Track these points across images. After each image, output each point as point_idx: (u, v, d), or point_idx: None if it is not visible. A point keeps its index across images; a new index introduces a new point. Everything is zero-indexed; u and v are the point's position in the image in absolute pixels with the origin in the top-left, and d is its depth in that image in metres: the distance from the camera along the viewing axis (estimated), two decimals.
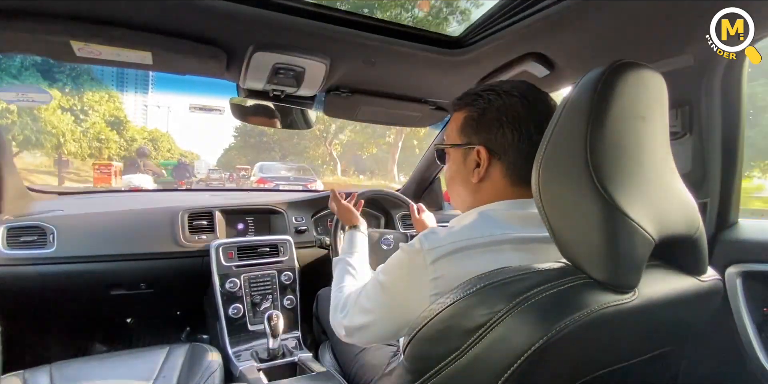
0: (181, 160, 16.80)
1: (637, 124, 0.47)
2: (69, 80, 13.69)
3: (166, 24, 0.84)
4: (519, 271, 0.46)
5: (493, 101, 0.62)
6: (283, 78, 1.05)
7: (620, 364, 0.48)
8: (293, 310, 1.42)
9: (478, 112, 0.64)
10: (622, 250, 0.43)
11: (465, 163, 0.67)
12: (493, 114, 0.62)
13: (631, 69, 0.45)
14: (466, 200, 0.69)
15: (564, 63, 0.95)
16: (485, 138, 0.63)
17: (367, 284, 0.69)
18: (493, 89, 0.63)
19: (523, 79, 0.70)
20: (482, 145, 0.63)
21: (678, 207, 0.50)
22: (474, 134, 0.64)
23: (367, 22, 0.92)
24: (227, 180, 17.96)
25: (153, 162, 13.50)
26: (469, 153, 0.65)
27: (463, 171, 0.67)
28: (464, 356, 0.43)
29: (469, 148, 0.65)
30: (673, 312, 0.51)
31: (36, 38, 0.81)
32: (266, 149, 27.18)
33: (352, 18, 0.91)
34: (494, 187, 0.64)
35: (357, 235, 1.05)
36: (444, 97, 1.35)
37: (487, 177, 0.64)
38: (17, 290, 1.25)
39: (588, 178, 0.42)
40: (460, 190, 0.70)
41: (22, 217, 1.30)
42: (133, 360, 1.06)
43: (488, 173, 0.64)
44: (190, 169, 15.40)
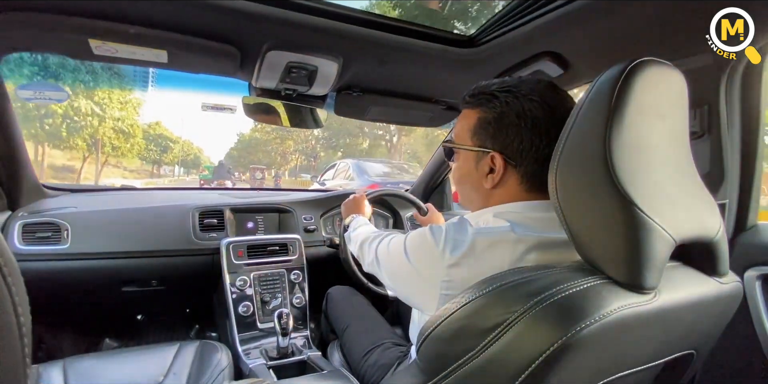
0: (221, 162, 18.58)
1: (658, 123, 0.46)
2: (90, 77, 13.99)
3: (182, 22, 0.85)
4: (535, 271, 0.46)
5: (512, 104, 0.60)
6: (295, 77, 1.05)
7: (639, 366, 0.48)
8: (302, 309, 1.42)
9: (494, 115, 0.61)
10: (642, 250, 0.42)
11: (477, 166, 0.65)
12: (511, 119, 0.60)
13: (651, 67, 0.45)
14: (478, 204, 0.68)
15: (578, 62, 0.94)
16: (501, 144, 0.61)
17: (393, 238, 0.73)
18: (510, 90, 0.61)
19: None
20: (498, 151, 0.61)
21: (698, 208, 0.49)
22: (489, 138, 0.62)
23: (380, 21, 0.92)
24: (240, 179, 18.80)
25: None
26: (483, 157, 0.63)
27: (474, 175, 0.66)
28: (480, 356, 0.43)
29: (483, 153, 0.63)
30: (693, 315, 0.50)
31: (55, 36, 0.82)
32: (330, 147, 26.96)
33: (366, 17, 0.91)
34: (508, 193, 0.63)
35: (360, 219, 1.05)
36: (456, 97, 1.34)
37: (501, 184, 0.63)
38: (32, 286, 1.24)
39: (607, 178, 0.42)
40: (472, 194, 0.68)
41: (37, 213, 1.31)
42: (144, 356, 1.07)
43: (503, 180, 0.62)
44: (230, 169, 17.45)
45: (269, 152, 29.08)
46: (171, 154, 28.09)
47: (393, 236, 0.76)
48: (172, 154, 28.16)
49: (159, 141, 26.70)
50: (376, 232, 0.87)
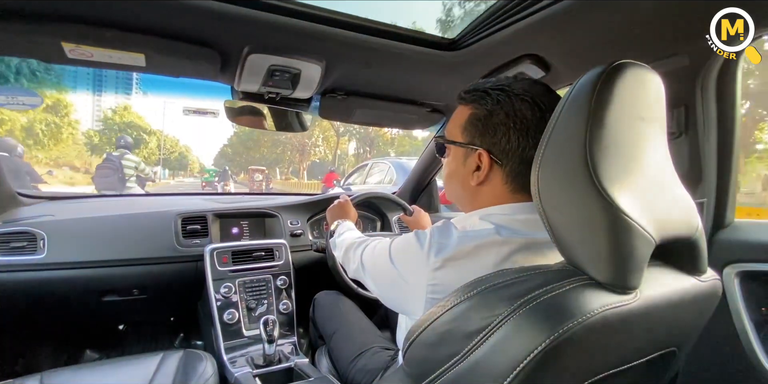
0: (225, 168, 19.06)
1: (637, 124, 0.47)
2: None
3: (159, 25, 0.83)
4: (519, 274, 0.46)
5: (503, 103, 0.60)
6: (278, 80, 1.04)
7: (623, 365, 0.48)
8: (289, 315, 1.40)
9: (485, 113, 0.61)
10: (623, 251, 0.42)
11: (465, 163, 0.65)
12: (500, 117, 0.60)
13: (630, 69, 0.45)
14: (464, 202, 0.68)
15: (559, 64, 0.95)
16: (489, 142, 0.61)
17: (377, 244, 0.73)
18: (503, 89, 0.60)
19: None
20: (485, 148, 0.61)
21: (677, 207, 0.50)
22: (478, 135, 0.62)
23: (362, 23, 0.92)
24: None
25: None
26: (471, 154, 0.63)
27: (462, 171, 0.66)
28: (465, 360, 0.43)
29: (471, 149, 0.63)
30: (674, 312, 0.50)
31: (26, 40, 0.79)
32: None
33: (348, 20, 0.90)
34: (493, 192, 0.63)
35: (345, 224, 1.05)
36: (440, 100, 1.35)
37: (486, 181, 0.63)
38: (6, 297, 1.23)
39: (588, 179, 0.42)
40: (459, 190, 0.68)
41: (11, 222, 1.27)
42: (125, 367, 1.04)
43: (488, 178, 0.62)
44: (231, 175, 18.11)
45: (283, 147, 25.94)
46: (146, 150, 24.90)
47: (378, 242, 0.76)
48: (147, 150, 25.06)
49: (128, 132, 22.80)
50: (361, 238, 0.87)
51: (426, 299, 0.55)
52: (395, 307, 0.67)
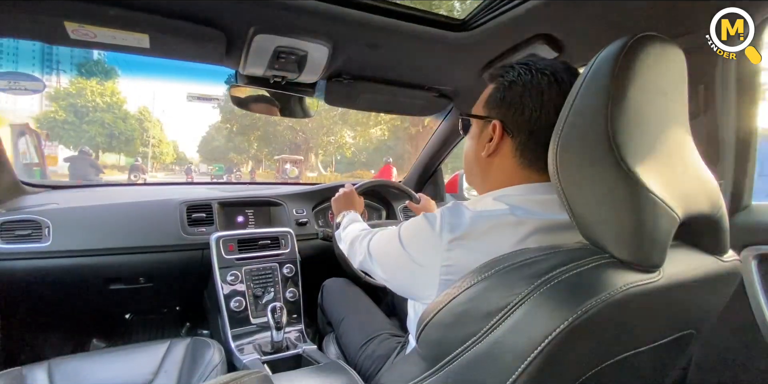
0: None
1: (660, 99, 0.45)
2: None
3: (164, 4, 0.81)
4: (538, 253, 0.45)
5: (523, 76, 0.60)
6: (284, 63, 1.02)
7: (644, 346, 0.47)
8: (296, 303, 1.40)
9: (505, 86, 0.61)
10: (647, 228, 0.41)
11: (480, 136, 0.66)
12: (518, 90, 0.60)
13: (653, 42, 0.43)
14: (477, 180, 0.69)
15: (573, 44, 0.93)
16: (504, 113, 0.61)
17: (384, 231, 0.73)
18: (527, 63, 0.61)
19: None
20: (499, 119, 0.62)
21: (701, 185, 0.49)
22: (495, 108, 0.62)
23: (370, 3, 0.89)
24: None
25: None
26: (486, 126, 0.64)
27: (476, 145, 0.66)
28: (484, 341, 0.42)
29: (486, 121, 0.64)
30: (696, 292, 0.49)
31: (28, 19, 0.77)
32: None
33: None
34: (503, 165, 0.63)
35: (351, 216, 1.04)
36: (447, 84, 1.33)
37: (496, 153, 0.63)
38: (13, 286, 1.23)
39: (610, 155, 0.41)
40: (473, 165, 0.69)
41: (16, 210, 1.26)
42: (133, 355, 1.04)
43: (498, 149, 0.63)
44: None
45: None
46: (133, 145, 23.50)
47: (384, 230, 0.76)
48: (133, 145, 23.58)
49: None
50: (366, 230, 0.87)
51: (440, 281, 0.54)
52: (405, 293, 0.66)
